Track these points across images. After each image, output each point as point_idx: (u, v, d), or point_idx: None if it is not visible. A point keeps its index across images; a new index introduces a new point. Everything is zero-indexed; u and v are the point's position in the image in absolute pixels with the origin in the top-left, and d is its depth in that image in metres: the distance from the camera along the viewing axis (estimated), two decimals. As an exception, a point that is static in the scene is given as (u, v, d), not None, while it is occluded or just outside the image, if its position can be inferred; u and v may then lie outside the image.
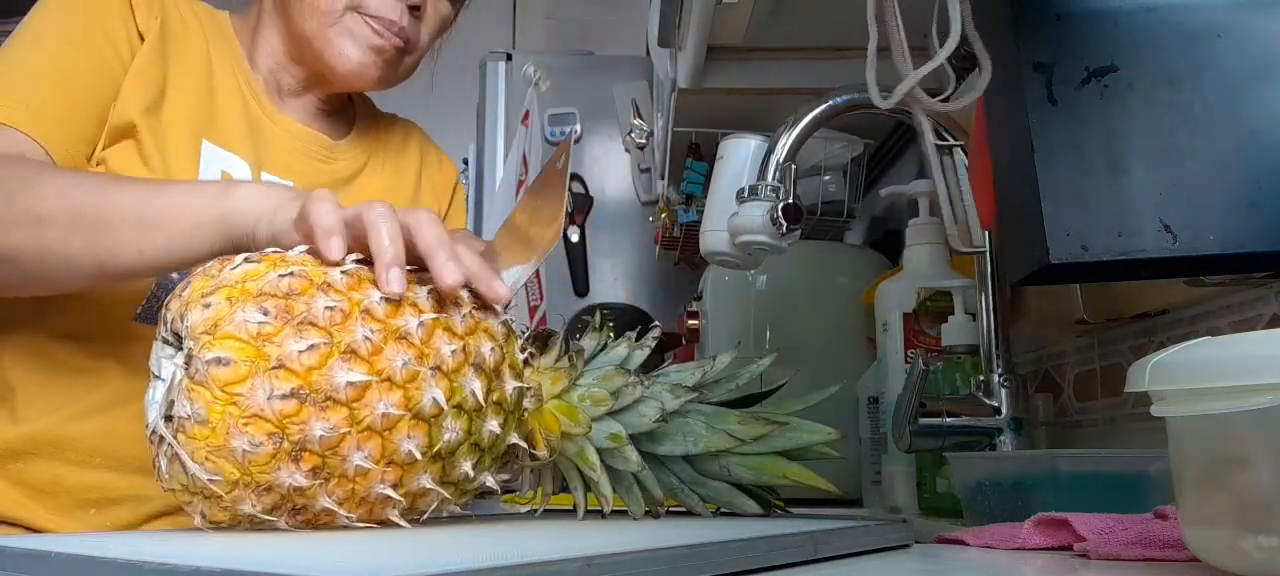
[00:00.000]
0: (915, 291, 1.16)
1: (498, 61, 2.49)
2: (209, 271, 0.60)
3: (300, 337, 0.56)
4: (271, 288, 0.57)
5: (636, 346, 0.72)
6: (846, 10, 1.09)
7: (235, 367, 0.54)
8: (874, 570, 0.53)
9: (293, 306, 0.57)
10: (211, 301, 0.57)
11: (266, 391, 0.54)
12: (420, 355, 0.59)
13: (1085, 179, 0.66)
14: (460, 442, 0.61)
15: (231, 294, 0.57)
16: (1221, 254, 0.65)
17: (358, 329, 0.57)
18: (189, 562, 0.39)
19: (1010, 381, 0.97)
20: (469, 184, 2.70)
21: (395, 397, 0.57)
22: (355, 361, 0.57)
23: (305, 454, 0.55)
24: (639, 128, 2.24)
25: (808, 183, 1.43)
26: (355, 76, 0.97)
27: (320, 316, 0.57)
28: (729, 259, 1.05)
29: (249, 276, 0.58)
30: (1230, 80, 0.67)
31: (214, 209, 0.70)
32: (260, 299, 0.56)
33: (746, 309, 1.41)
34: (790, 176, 0.98)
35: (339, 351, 0.56)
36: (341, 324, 0.57)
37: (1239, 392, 0.40)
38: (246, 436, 0.54)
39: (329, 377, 0.56)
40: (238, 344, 0.55)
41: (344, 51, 0.96)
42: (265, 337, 0.55)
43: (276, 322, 0.56)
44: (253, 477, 0.55)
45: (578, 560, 0.40)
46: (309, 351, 0.55)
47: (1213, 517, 0.43)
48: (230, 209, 0.70)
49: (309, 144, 1.02)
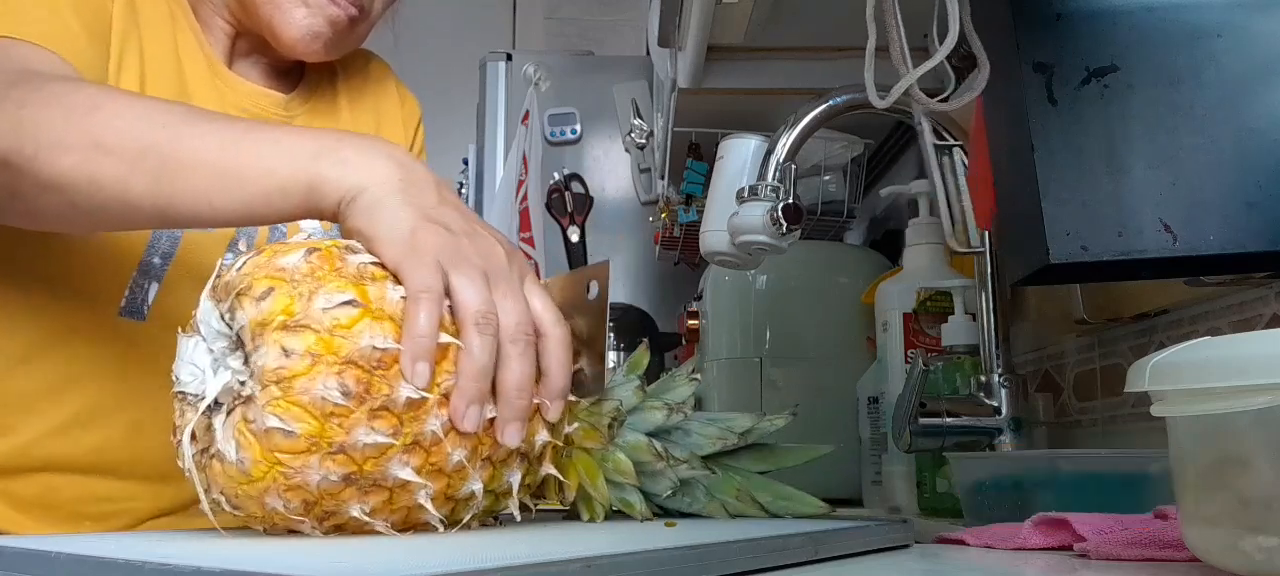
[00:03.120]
0: (915, 291, 1.16)
1: (498, 61, 2.49)
2: (295, 281, 0.54)
3: (371, 430, 0.52)
4: (360, 357, 0.53)
5: (673, 414, 0.70)
6: (846, 10, 1.09)
7: (294, 442, 0.52)
8: (874, 570, 0.53)
9: (374, 386, 0.53)
10: (292, 348, 0.52)
11: (319, 474, 0.52)
12: (475, 448, 0.57)
13: (1085, 179, 0.66)
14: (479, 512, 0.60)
15: (317, 347, 0.52)
16: (1221, 254, 0.65)
17: (430, 421, 0.54)
18: (189, 562, 0.39)
19: (1010, 381, 0.97)
20: (469, 184, 2.70)
21: (438, 485, 0.56)
22: (414, 454, 0.54)
23: (333, 520, 0.54)
24: (639, 128, 2.25)
25: (808, 183, 1.43)
26: (302, 45, 0.90)
27: (400, 404, 0.53)
28: (729, 259, 1.05)
29: (340, 327, 0.53)
30: (1230, 80, 0.67)
31: (304, 173, 0.61)
32: (346, 368, 0.52)
33: (746, 309, 1.41)
34: (790, 176, 0.98)
35: (401, 447, 0.54)
36: (416, 414, 0.54)
37: (1239, 392, 0.40)
38: (283, 499, 0.53)
39: (382, 468, 0.53)
40: (306, 419, 0.52)
41: (293, 18, 0.88)
42: (337, 418, 0.52)
43: (352, 405, 0.52)
44: (273, 522, 0.54)
45: (578, 560, 0.40)
46: (373, 445, 0.53)
47: (1213, 517, 0.43)
48: (320, 175, 0.61)
49: (264, 105, 0.95)
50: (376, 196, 0.59)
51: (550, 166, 2.33)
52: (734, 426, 0.72)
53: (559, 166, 2.34)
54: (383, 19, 0.98)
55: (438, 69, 3.13)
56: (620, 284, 2.30)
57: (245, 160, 0.63)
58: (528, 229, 2.25)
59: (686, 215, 1.69)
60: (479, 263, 0.58)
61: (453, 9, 3.39)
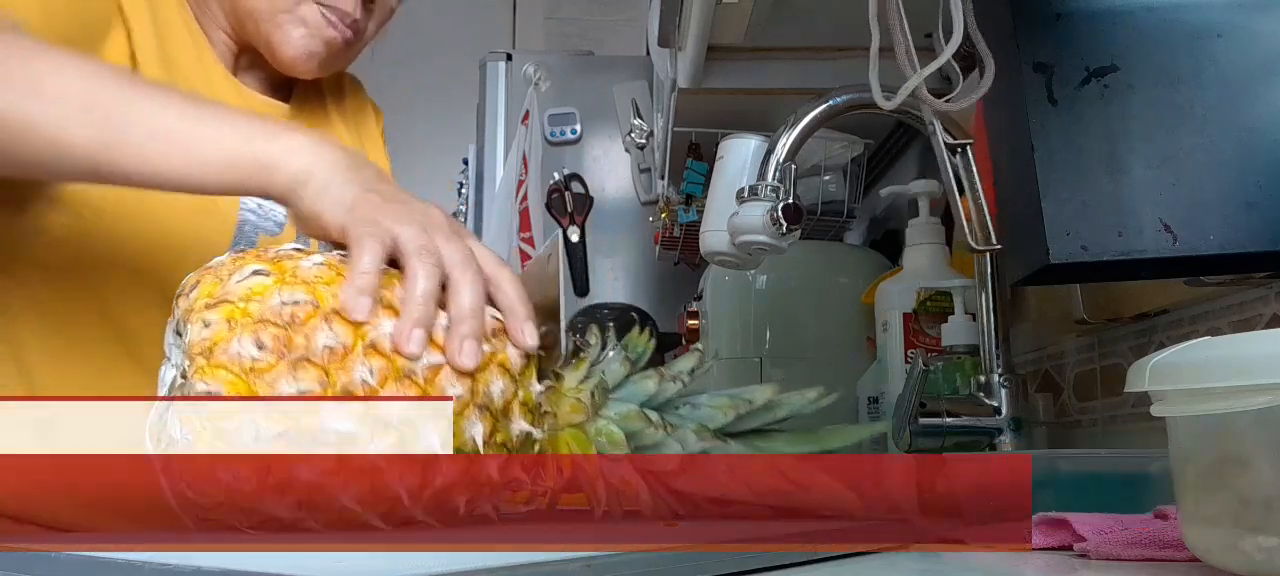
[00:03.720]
0: (915, 291, 1.16)
1: (498, 61, 2.49)
2: (220, 274, 0.57)
3: (294, 378, 0.53)
4: (273, 314, 0.55)
5: (666, 381, 0.68)
6: (847, 10, 1.09)
7: (224, 403, 0.53)
8: (874, 570, 0.53)
9: (292, 339, 0.54)
10: (211, 320, 0.54)
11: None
12: (423, 394, 0.56)
13: (1085, 179, 0.66)
14: None
15: (232, 315, 0.54)
16: (1221, 254, 0.65)
17: (357, 369, 0.55)
18: (189, 563, 0.39)
19: (1010, 381, 0.97)
20: (469, 184, 2.70)
21: (389, 440, 0.55)
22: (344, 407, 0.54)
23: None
24: (639, 128, 2.24)
25: (808, 183, 1.43)
26: (300, 62, 0.92)
27: (319, 354, 0.54)
28: (729, 259, 1.05)
29: (254, 293, 0.55)
30: (1230, 80, 0.67)
31: (251, 151, 0.63)
32: (260, 326, 0.54)
33: (746, 309, 1.41)
34: (790, 176, 0.98)
35: (333, 391, 0.54)
36: (341, 362, 0.55)
37: (1239, 392, 0.40)
38: (231, 471, 0.53)
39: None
40: (230, 378, 0.53)
41: (292, 38, 0.91)
42: (258, 373, 0.53)
43: (272, 358, 0.54)
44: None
45: (578, 560, 0.40)
46: (299, 398, 0.53)
47: (1213, 517, 0.43)
48: (271, 159, 0.62)
49: (274, 114, 0.97)
50: (325, 179, 0.61)
51: (550, 166, 2.33)
52: (751, 397, 0.68)
53: (559, 166, 2.34)
54: (376, 36, 1.00)
55: (438, 69, 3.14)
56: (620, 284, 2.30)
57: (198, 128, 0.64)
58: (528, 229, 2.25)
59: (686, 215, 1.69)
60: (420, 219, 0.61)
61: (453, 9, 3.39)
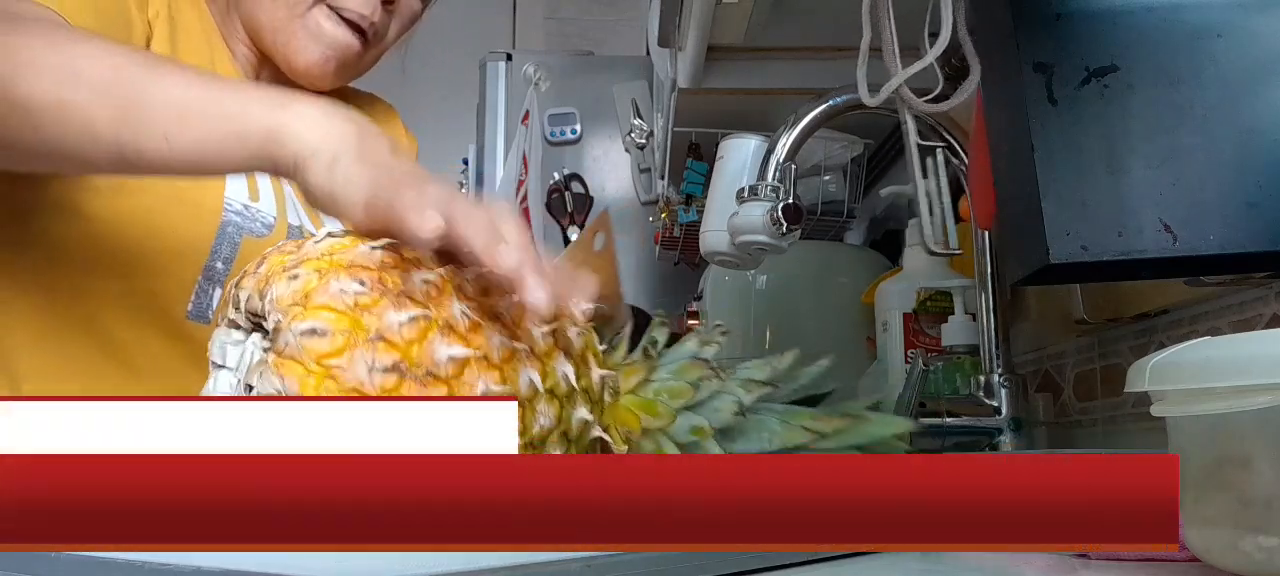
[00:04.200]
0: (915, 291, 1.16)
1: (498, 61, 2.49)
2: (285, 249, 0.56)
3: (400, 309, 0.52)
4: (364, 259, 0.54)
5: (707, 340, 0.68)
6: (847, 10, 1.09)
7: (332, 339, 0.51)
8: (874, 570, 0.53)
9: (387, 279, 0.53)
10: (299, 273, 0.53)
11: (367, 363, 0.51)
12: (514, 335, 0.56)
13: (1085, 179, 0.66)
14: (551, 431, 0.57)
15: (320, 266, 0.53)
16: (1221, 254, 0.65)
17: (454, 304, 0.54)
18: (189, 563, 0.39)
19: (1010, 381, 0.97)
20: (469, 184, 2.70)
21: (493, 376, 0.54)
22: (453, 337, 0.53)
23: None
24: (639, 128, 2.24)
25: (808, 183, 1.43)
26: (316, 69, 0.91)
27: (417, 289, 0.53)
28: (729, 259, 1.05)
29: (336, 249, 0.54)
30: (1230, 80, 0.67)
31: (263, 121, 0.62)
32: (352, 270, 0.53)
33: (746, 309, 1.41)
34: (790, 176, 0.98)
35: (438, 326, 0.53)
36: (438, 298, 0.54)
37: (1239, 392, 0.40)
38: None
39: (429, 352, 0.52)
40: (334, 315, 0.51)
41: (305, 47, 0.90)
42: (363, 308, 0.52)
43: (374, 294, 0.52)
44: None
45: (578, 560, 0.40)
46: (409, 324, 0.52)
47: (1213, 517, 0.43)
48: (280, 125, 0.61)
49: None
50: (334, 153, 0.59)
51: (550, 166, 2.33)
52: (777, 363, 0.68)
53: (559, 166, 2.34)
54: (395, 47, 0.99)
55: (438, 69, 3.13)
56: (620, 284, 2.30)
57: (208, 101, 0.64)
58: (528, 229, 2.25)
59: (686, 215, 1.70)
60: (444, 193, 0.58)
61: (453, 9, 3.37)
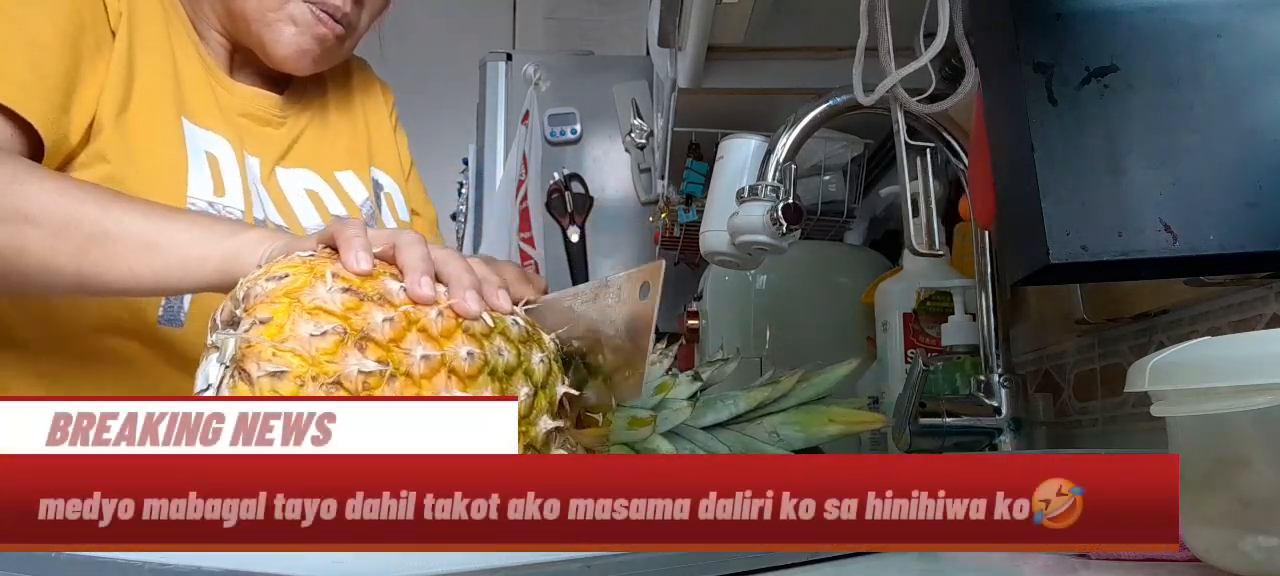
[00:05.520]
0: (915, 291, 1.16)
1: (498, 61, 2.49)
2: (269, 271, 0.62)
3: (381, 314, 0.59)
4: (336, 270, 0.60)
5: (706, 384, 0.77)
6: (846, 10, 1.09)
7: (324, 341, 0.56)
8: (874, 570, 0.53)
9: (365, 286, 0.60)
10: (286, 272, 0.59)
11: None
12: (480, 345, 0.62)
13: (1085, 179, 0.66)
14: None
15: (312, 265, 0.60)
16: (1221, 254, 0.65)
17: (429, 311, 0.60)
18: (189, 563, 0.39)
19: (1010, 381, 0.97)
20: (469, 184, 2.70)
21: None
22: (425, 341, 0.59)
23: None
24: (639, 128, 2.24)
25: (808, 183, 1.43)
26: (292, 61, 0.93)
27: (395, 296, 0.60)
28: (729, 259, 1.05)
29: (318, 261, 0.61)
30: (1230, 80, 0.67)
31: (221, 247, 0.70)
32: (336, 276, 0.60)
33: (746, 309, 1.41)
34: (790, 176, 0.98)
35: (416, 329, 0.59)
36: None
37: (1239, 392, 0.40)
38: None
39: (410, 350, 0.58)
40: (326, 317, 0.58)
41: (283, 36, 0.92)
42: (351, 309, 0.58)
43: (349, 298, 0.59)
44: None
45: (578, 560, 0.40)
46: (387, 324, 0.58)
47: (1213, 517, 0.43)
48: (236, 249, 0.69)
49: (263, 107, 0.98)
50: (284, 246, 0.67)
51: (550, 166, 2.33)
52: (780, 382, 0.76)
53: (559, 166, 2.34)
54: (371, 28, 1.00)
55: (438, 69, 3.13)
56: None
57: (166, 232, 0.71)
58: (527, 229, 2.25)
59: (686, 215, 1.70)
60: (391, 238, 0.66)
61: (453, 9, 3.39)
